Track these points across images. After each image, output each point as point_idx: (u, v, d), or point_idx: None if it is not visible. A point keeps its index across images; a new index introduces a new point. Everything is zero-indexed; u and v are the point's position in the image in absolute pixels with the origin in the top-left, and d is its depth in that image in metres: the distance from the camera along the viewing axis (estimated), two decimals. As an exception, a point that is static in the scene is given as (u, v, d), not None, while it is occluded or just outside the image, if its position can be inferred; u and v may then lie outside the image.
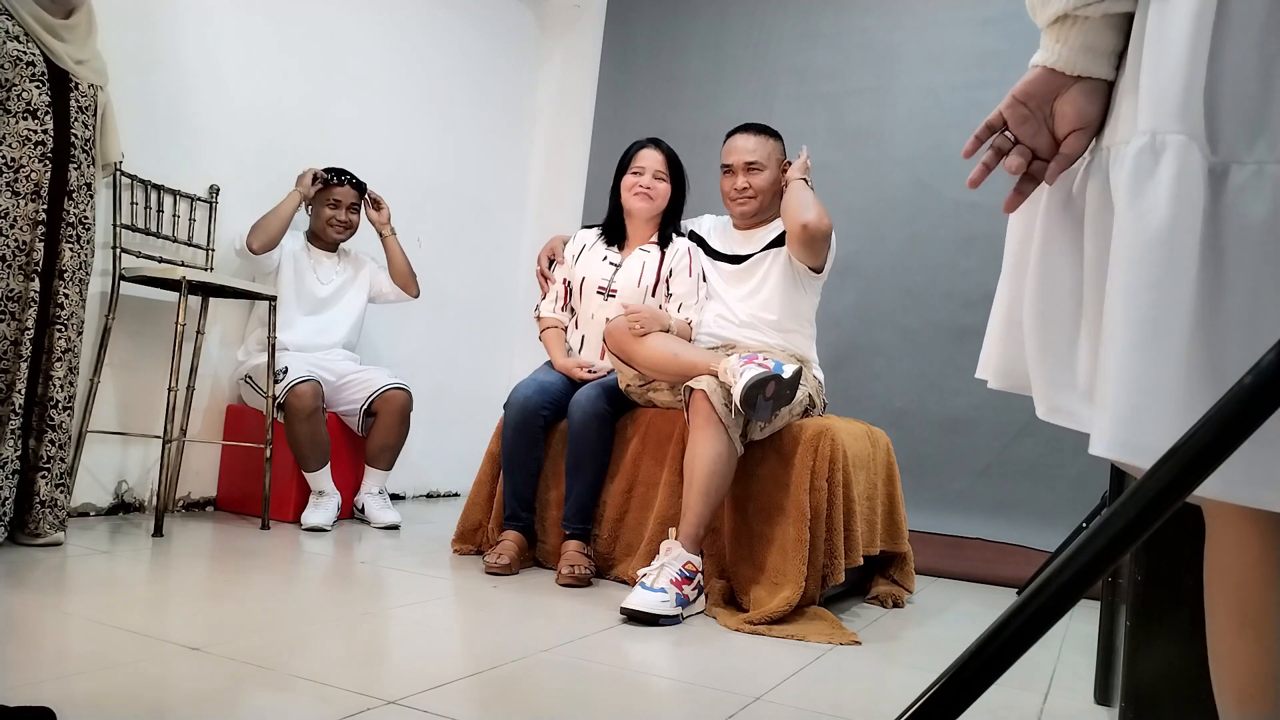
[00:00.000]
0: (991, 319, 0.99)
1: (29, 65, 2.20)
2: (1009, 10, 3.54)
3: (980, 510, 3.36)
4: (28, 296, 2.21)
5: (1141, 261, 0.76)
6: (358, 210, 3.26)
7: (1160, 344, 0.75)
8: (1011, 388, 0.98)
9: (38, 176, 2.22)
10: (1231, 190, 0.76)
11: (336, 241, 3.25)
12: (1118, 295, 0.78)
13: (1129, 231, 0.78)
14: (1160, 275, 0.75)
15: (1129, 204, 0.78)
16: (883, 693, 1.71)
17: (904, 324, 3.60)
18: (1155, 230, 0.76)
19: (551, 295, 2.83)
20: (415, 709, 1.32)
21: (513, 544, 2.48)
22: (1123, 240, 0.78)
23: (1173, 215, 0.75)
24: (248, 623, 1.72)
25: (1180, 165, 0.76)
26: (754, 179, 2.58)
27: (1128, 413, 0.75)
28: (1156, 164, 0.77)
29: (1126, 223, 0.78)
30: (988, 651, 0.64)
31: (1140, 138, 0.79)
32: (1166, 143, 0.77)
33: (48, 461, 2.26)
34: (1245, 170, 0.76)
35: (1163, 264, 0.75)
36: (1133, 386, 0.75)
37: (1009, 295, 0.95)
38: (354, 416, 3.14)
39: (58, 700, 1.23)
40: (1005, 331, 0.96)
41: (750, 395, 2.11)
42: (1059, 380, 0.89)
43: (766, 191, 2.59)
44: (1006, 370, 0.97)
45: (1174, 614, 1.25)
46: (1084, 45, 0.86)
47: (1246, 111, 0.77)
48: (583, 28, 4.59)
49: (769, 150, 2.59)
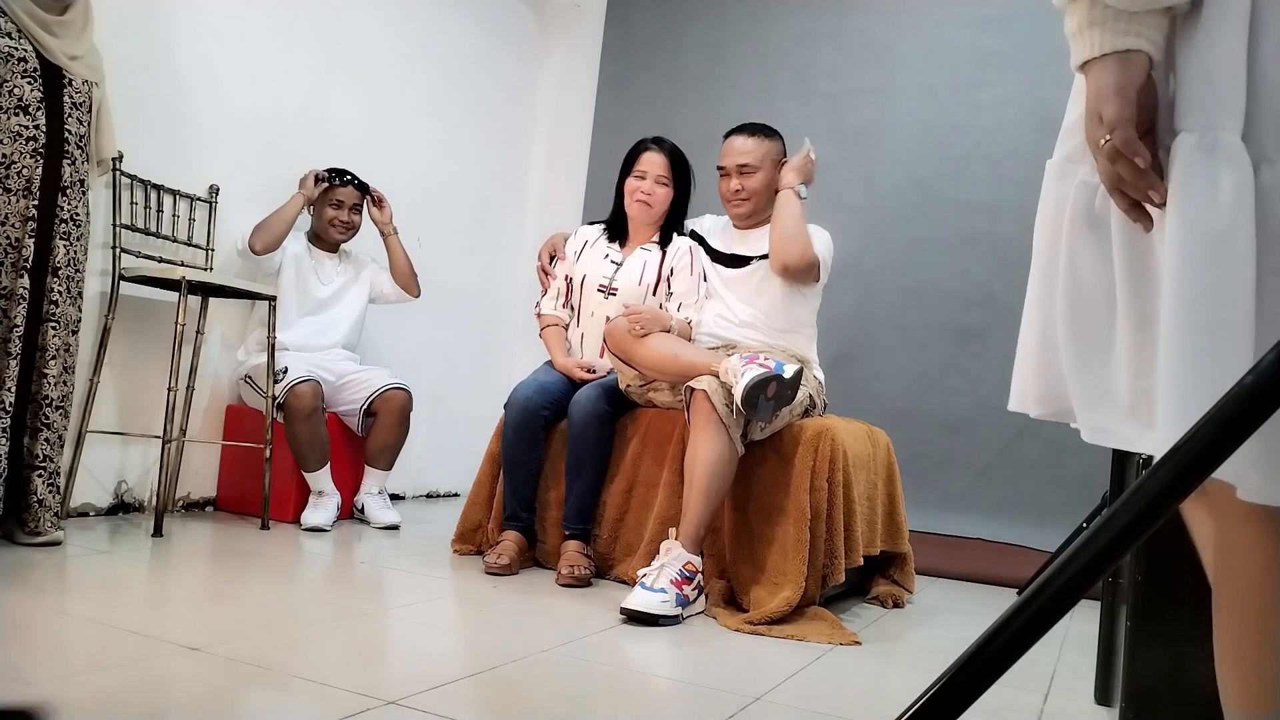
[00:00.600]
0: (1021, 346, 0.95)
1: (20, 61, 2.19)
2: (1009, 10, 3.54)
3: (980, 510, 3.36)
4: (18, 293, 2.20)
5: (1203, 264, 0.74)
6: (360, 211, 3.26)
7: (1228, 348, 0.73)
8: (1056, 415, 0.93)
9: (29, 172, 2.22)
10: (1261, 190, 0.76)
11: (338, 242, 3.24)
12: (1177, 300, 0.75)
13: (1186, 232, 0.75)
14: (1220, 276, 0.73)
15: (1183, 203, 0.75)
16: (883, 693, 1.71)
17: (904, 324, 3.60)
18: (1218, 233, 0.74)
19: (553, 291, 2.83)
20: (415, 709, 1.32)
21: (513, 544, 2.48)
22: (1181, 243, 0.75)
23: (1234, 218, 0.74)
24: (247, 623, 1.72)
25: (1238, 165, 0.75)
26: (747, 181, 2.58)
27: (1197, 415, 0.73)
28: (1213, 162, 0.75)
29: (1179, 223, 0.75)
30: (988, 651, 0.64)
31: (1190, 135, 0.77)
32: (1218, 141, 0.76)
33: (43, 460, 2.26)
34: (1276, 170, 0.76)
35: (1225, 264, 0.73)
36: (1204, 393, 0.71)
37: (1041, 317, 0.92)
38: (354, 416, 3.14)
39: (57, 700, 1.23)
40: (1041, 354, 0.92)
41: (752, 395, 2.11)
42: (1099, 400, 0.86)
43: (761, 194, 2.59)
44: (1047, 395, 0.92)
45: (1174, 614, 1.25)
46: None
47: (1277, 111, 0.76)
48: (583, 27, 4.59)
49: (764, 152, 2.58)
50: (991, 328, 3.42)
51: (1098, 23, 0.80)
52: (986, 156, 3.52)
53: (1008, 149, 3.48)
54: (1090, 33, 0.80)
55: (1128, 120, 0.78)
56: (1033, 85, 3.46)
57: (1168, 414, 0.75)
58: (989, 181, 3.50)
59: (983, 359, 3.42)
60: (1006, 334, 3.04)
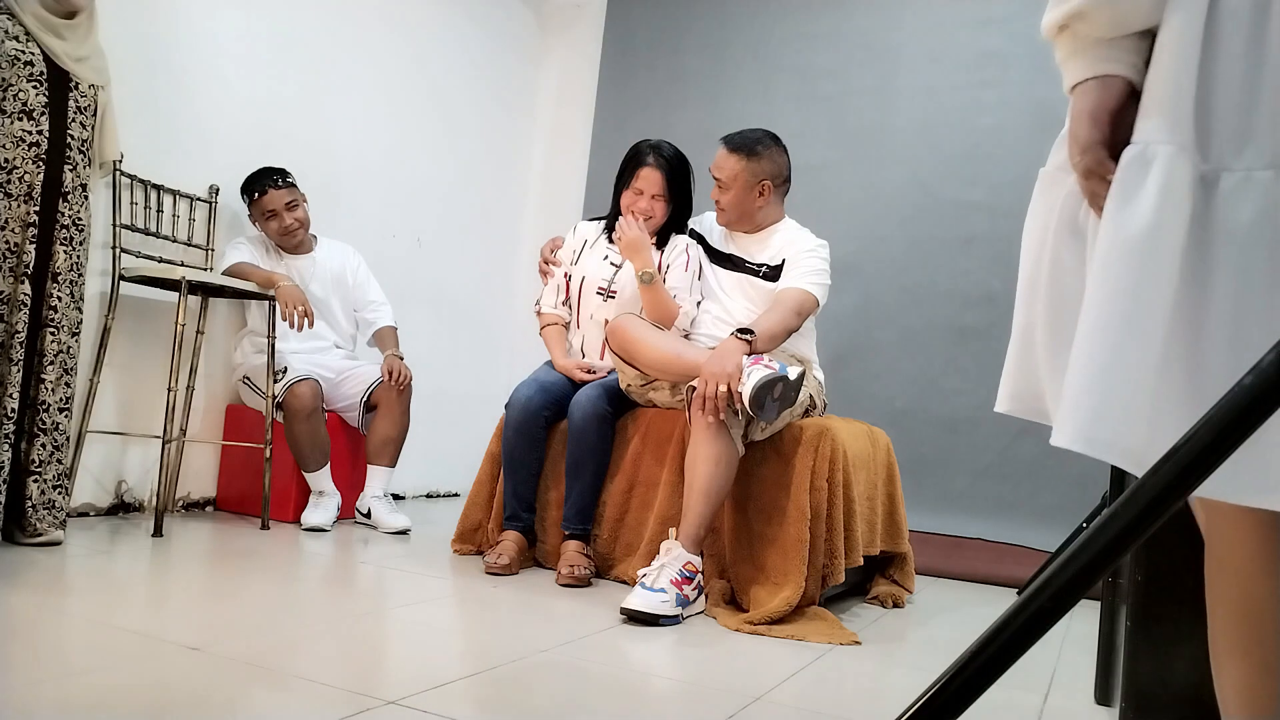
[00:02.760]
0: (1009, 348, 1.00)
1: (27, 65, 2.20)
2: (1009, 10, 3.54)
3: (980, 510, 3.36)
4: (18, 299, 2.20)
5: (1121, 265, 0.78)
6: (297, 204, 3.04)
7: (1134, 344, 0.77)
8: (1021, 412, 0.97)
9: (30, 178, 2.21)
10: (1221, 195, 0.79)
11: (300, 242, 3.11)
12: (1095, 296, 0.79)
13: (1111, 236, 0.79)
14: (1139, 279, 0.77)
15: (1115, 211, 0.80)
16: (883, 693, 1.71)
17: (904, 324, 3.60)
18: (1136, 236, 0.78)
19: (552, 287, 2.82)
20: (415, 709, 1.32)
21: (513, 544, 2.48)
22: (1104, 245, 0.80)
23: (1155, 221, 0.78)
24: (247, 623, 1.72)
25: (1167, 174, 0.78)
26: (721, 194, 2.55)
27: (1094, 408, 0.77)
28: (1144, 173, 0.79)
29: (1109, 229, 0.80)
30: (988, 651, 0.64)
31: (1133, 148, 0.82)
32: (1156, 153, 0.80)
33: (40, 465, 2.26)
34: (1234, 176, 0.79)
35: (1141, 268, 0.77)
36: (1100, 383, 0.77)
37: (1025, 319, 0.96)
38: (354, 411, 3.12)
39: (58, 700, 1.23)
40: (1022, 355, 0.96)
41: (759, 396, 2.10)
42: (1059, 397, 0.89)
43: (733, 208, 2.54)
44: (1017, 393, 0.97)
45: (1174, 614, 1.25)
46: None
47: (1234, 121, 0.79)
48: (583, 27, 4.59)
49: (737, 171, 2.50)
50: (991, 328, 3.42)
51: (1079, 51, 0.87)
52: (986, 156, 3.52)
53: (1008, 149, 3.48)
54: (1073, 61, 0.88)
55: (1096, 143, 0.85)
56: (1033, 85, 3.46)
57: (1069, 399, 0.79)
58: (989, 181, 3.50)
59: (983, 359, 3.42)
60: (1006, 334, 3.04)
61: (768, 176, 2.53)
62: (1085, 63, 0.87)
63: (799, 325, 2.45)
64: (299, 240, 3.10)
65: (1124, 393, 0.76)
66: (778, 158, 2.56)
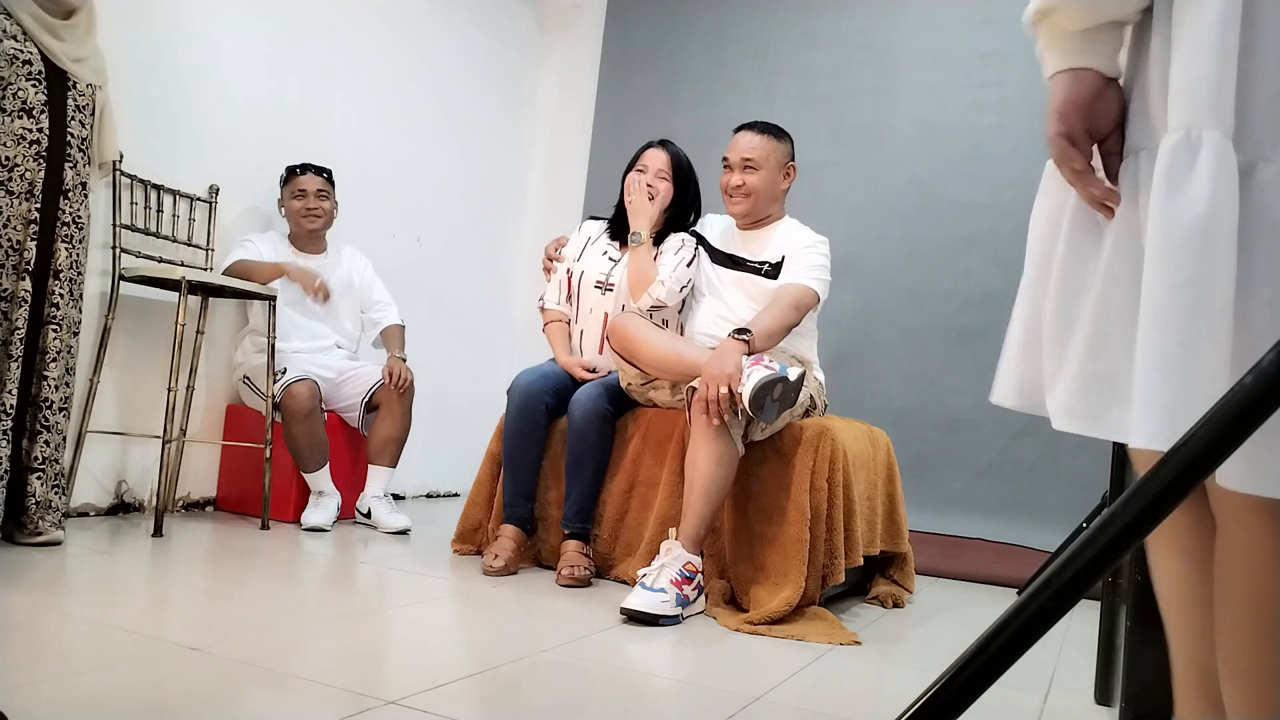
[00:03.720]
0: (1008, 340, 0.98)
1: (25, 64, 2.20)
2: (1009, 10, 3.54)
3: (980, 510, 3.36)
4: (19, 296, 2.21)
5: (1181, 257, 0.76)
6: (327, 196, 3.15)
7: (1204, 339, 0.75)
8: (1025, 407, 0.97)
9: (31, 175, 2.22)
10: (1258, 187, 0.77)
11: (313, 231, 3.14)
12: (1157, 291, 0.77)
13: (1165, 227, 0.77)
14: (1202, 270, 0.75)
15: (1166, 199, 0.78)
16: (883, 693, 1.71)
17: (904, 324, 3.60)
18: (1195, 225, 0.76)
19: (555, 284, 2.82)
20: (415, 709, 1.32)
21: (510, 541, 2.47)
22: (1158, 236, 0.78)
23: (1211, 210, 0.76)
24: (247, 623, 1.72)
25: (1218, 160, 0.77)
26: (749, 177, 2.56)
27: (1172, 406, 0.75)
28: (1193, 159, 0.78)
29: (1162, 219, 0.78)
30: (988, 651, 0.64)
31: (1175, 134, 0.79)
32: (1202, 138, 0.78)
33: (42, 462, 2.26)
34: (1272, 168, 0.77)
35: (1204, 258, 0.75)
36: (1175, 378, 0.75)
37: (1030, 308, 0.95)
38: (354, 412, 3.12)
39: (58, 700, 1.23)
40: (1025, 345, 0.95)
41: (759, 397, 2.10)
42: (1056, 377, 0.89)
43: (761, 193, 2.56)
44: (1027, 386, 0.96)
45: (1174, 614, 1.25)
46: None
47: (1274, 110, 0.77)
48: (583, 27, 4.59)
49: (769, 151, 2.56)
50: (991, 328, 3.41)
51: (1054, 43, 0.88)
52: (986, 156, 3.52)
53: (1008, 149, 3.48)
54: (1049, 53, 0.89)
55: (1062, 134, 0.87)
56: (1033, 85, 3.45)
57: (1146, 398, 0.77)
58: (989, 181, 3.50)
59: (983, 359, 3.41)
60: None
61: (791, 159, 2.62)
62: (1059, 55, 0.88)
63: (798, 320, 2.45)
64: (317, 227, 3.15)
65: (1199, 387, 0.74)
66: (790, 146, 2.64)
